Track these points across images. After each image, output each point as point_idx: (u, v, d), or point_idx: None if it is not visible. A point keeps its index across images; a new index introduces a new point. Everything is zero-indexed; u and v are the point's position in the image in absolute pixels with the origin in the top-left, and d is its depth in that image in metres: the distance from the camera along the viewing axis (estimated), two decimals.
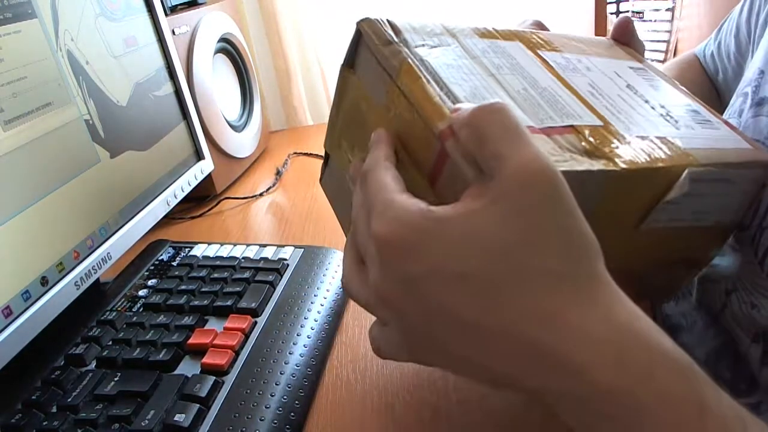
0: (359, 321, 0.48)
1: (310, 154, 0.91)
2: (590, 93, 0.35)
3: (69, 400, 0.38)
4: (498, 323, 0.24)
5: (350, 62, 0.38)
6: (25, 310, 0.41)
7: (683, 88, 0.40)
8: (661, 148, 0.32)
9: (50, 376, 0.41)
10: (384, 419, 0.38)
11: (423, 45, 0.35)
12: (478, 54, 0.36)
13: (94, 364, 0.43)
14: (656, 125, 0.34)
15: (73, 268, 0.46)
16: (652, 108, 0.36)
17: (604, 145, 0.31)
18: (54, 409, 0.38)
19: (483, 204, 0.24)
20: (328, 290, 0.50)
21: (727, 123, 0.37)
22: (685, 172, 0.31)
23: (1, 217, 0.40)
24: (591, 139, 0.31)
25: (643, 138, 0.32)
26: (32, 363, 0.42)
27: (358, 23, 0.36)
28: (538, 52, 0.38)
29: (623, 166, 0.30)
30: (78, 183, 0.47)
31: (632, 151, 0.31)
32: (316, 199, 0.74)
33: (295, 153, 0.92)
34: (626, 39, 0.44)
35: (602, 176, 0.29)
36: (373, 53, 0.35)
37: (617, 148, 0.31)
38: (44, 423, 0.37)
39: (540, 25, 0.45)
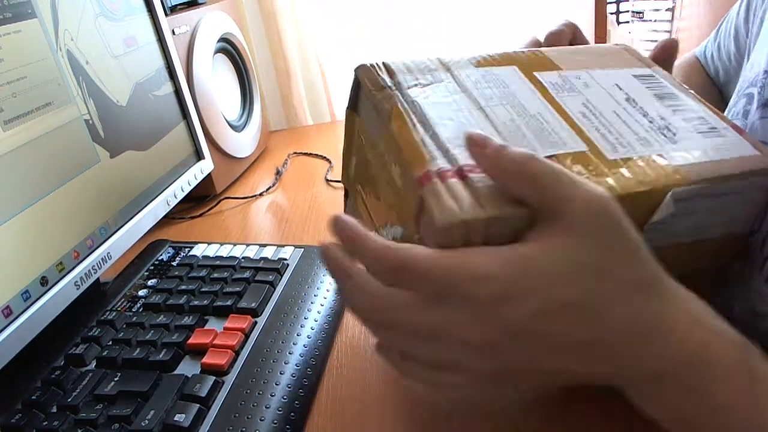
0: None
1: (310, 154, 0.91)
2: (582, 114, 0.36)
3: (69, 400, 0.38)
4: (605, 335, 0.27)
5: (353, 105, 0.41)
6: (25, 310, 0.41)
7: (692, 92, 0.40)
8: (646, 169, 0.32)
9: (50, 376, 0.41)
10: (384, 419, 0.38)
11: (416, 85, 0.37)
12: (470, 87, 0.37)
13: (94, 364, 0.43)
14: (649, 142, 0.35)
15: (73, 268, 0.46)
16: (650, 121, 0.36)
17: (585, 173, 0.32)
18: (54, 409, 0.38)
19: (561, 238, 0.27)
20: (328, 290, 0.50)
21: (735, 128, 0.36)
22: (669, 194, 0.31)
23: (1, 217, 0.40)
24: (572, 168, 0.32)
25: (627, 160, 0.33)
26: (32, 363, 0.42)
27: (355, 70, 0.39)
28: (535, 74, 0.39)
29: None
30: (78, 183, 0.47)
31: (613, 175, 0.32)
32: (316, 199, 0.74)
33: (295, 153, 0.92)
34: (664, 60, 0.43)
35: None
36: (369, 98, 0.37)
37: (598, 175, 0.32)
38: (44, 423, 0.37)
39: (538, 44, 0.45)
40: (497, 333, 0.27)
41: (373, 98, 0.37)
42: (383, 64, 0.39)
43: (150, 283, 0.52)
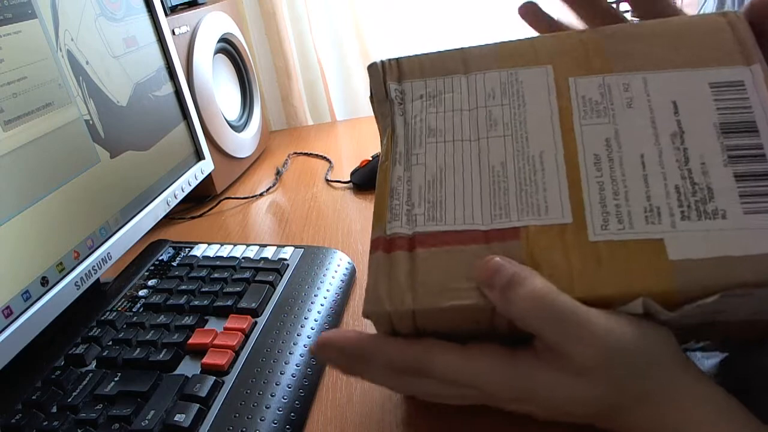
0: (359, 321, 0.48)
1: (310, 154, 0.91)
2: (596, 158, 0.29)
3: (69, 400, 0.38)
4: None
5: (372, 96, 0.37)
6: (25, 310, 0.41)
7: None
8: (635, 259, 0.26)
9: (50, 376, 0.41)
10: (384, 419, 0.38)
11: (421, 96, 0.33)
12: (481, 102, 0.32)
13: (94, 364, 0.43)
14: (661, 215, 0.26)
15: (73, 268, 0.46)
16: (685, 177, 0.27)
17: (542, 260, 0.27)
18: (54, 409, 0.38)
19: (570, 379, 0.27)
20: (328, 290, 0.50)
21: None
22: (640, 300, 0.25)
23: (1, 217, 0.40)
24: (532, 251, 0.27)
25: (614, 243, 0.26)
26: (32, 363, 0.42)
27: (368, 68, 0.36)
28: (570, 80, 0.31)
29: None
30: (78, 183, 0.47)
31: (581, 267, 0.26)
32: (316, 199, 0.74)
33: (295, 153, 0.92)
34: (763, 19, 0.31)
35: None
36: (374, 105, 0.35)
37: (557, 264, 0.27)
38: (44, 423, 0.37)
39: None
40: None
41: (376, 108, 0.35)
42: (396, 62, 0.35)
43: (150, 283, 0.52)
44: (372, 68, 0.36)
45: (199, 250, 0.57)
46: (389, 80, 0.34)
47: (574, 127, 0.30)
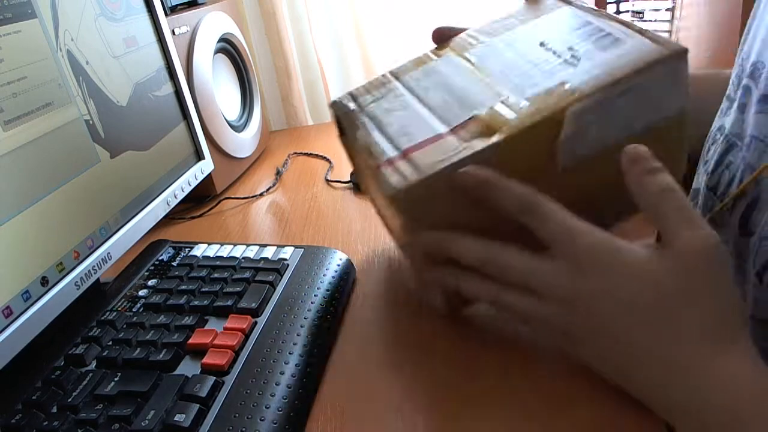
0: (359, 321, 0.48)
1: (310, 154, 0.91)
2: (501, 72, 0.43)
3: (69, 400, 0.38)
4: (653, 351, 0.31)
5: (341, 131, 0.50)
6: (25, 310, 0.41)
7: (604, 13, 0.44)
8: (548, 99, 0.38)
9: (50, 376, 0.41)
10: (384, 420, 0.38)
11: (373, 101, 0.47)
12: (413, 86, 0.47)
13: (94, 364, 0.43)
14: (553, 74, 0.40)
15: (73, 268, 0.46)
16: (558, 56, 0.41)
17: (497, 122, 0.39)
18: (54, 409, 0.38)
19: (661, 255, 0.32)
20: (328, 290, 0.50)
21: (641, 31, 0.40)
22: (568, 111, 0.37)
23: (1, 217, 0.40)
24: (488, 121, 0.39)
25: (531, 98, 0.39)
26: (32, 363, 0.43)
27: (330, 106, 0.50)
28: (464, 54, 0.47)
29: (505, 135, 0.37)
30: (78, 183, 0.47)
31: (520, 115, 0.38)
32: (316, 199, 0.74)
33: (295, 153, 0.92)
34: None
35: (493, 149, 0.37)
36: (344, 123, 0.48)
37: (508, 119, 0.38)
38: (44, 423, 0.37)
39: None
40: (575, 291, 0.33)
41: (346, 123, 0.47)
42: (349, 94, 0.50)
43: (150, 283, 0.52)
44: (333, 104, 0.50)
45: (199, 250, 0.57)
46: (347, 103, 0.49)
47: (480, 67, 0.45)
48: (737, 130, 0.41)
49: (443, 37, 0.52)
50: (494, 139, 0.37)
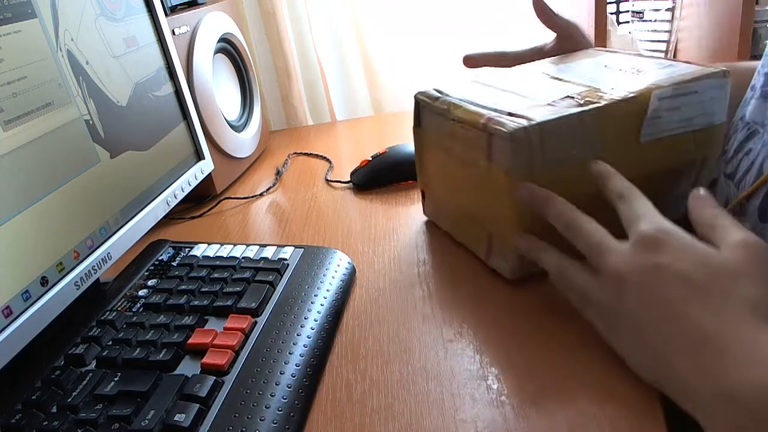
0: (359, 321, 0.48)
1: (310, 154, 0.91)
2: (578, 76, 0.52)
3: (69, 400, 0.38)
4: (701, 322, 0.32)
5: (417, 123, 0.57)
6: (25, 310, 0.41)
7: (641, 52, 0.58)
8: (633, 86, 0.47)
9: (50, 376, 0.41)
10: (384, 419, 0.38)
11: (460, 91, 0.53)
12: (497, 83, 0.55)
13: (94, 364, 0.43)
14: (628, 78, 0.50)
15: (73, 268, 0.46)
16: (624, 72, 0.52)
17: (593, 96, 0.47)
18: (54, 409, 0.38)
19: (715, 249, 0.35)
20: (328, 290, 0.50)
21: (686, 62, 0.51)
22: (653, 93, 0.46)
23: (1, 217, 0.40)
24: (585, 95, 0.47)
25: (616, 87, 0.48)
26: (32, 363, 0.43)
27: (415, 96, 0.56)
28: (537, 65, 0.59)
29: (606, 102, 0.45)
30: (78, 183, 0.47)
31: (612, 94, 0.46)
32: (316, 199, 0.74)
33: (295, 153, 0.92)
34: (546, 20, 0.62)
35: (594, 113, 0.45)
36: (431, 109, 0.54)
37: (602, 96, 0.46)
38: (44, 423, 0.37)
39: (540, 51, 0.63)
40: (634, 266, 0.36)
41: (435, 108, 0.53)
42: (434, 88, 0.55)
43: (150, 283, 0.52)
44: (419, 93, 0.56)
45: (199, 250, 0.57)
46: (433, 92, 0.55)
47: (555, 76, 0.54)
48: (759, 117, 0.43)
49: (475, 63, 0.59)
50: (595, 104, 0.45)
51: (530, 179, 0.44)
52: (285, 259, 0.54)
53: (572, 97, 0.47)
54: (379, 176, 0.74)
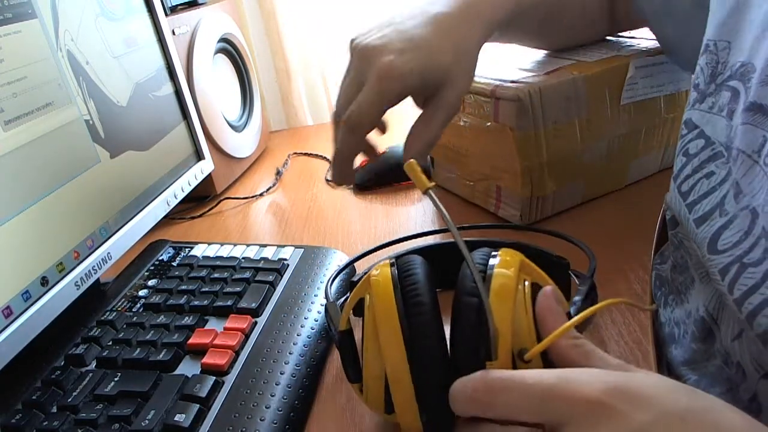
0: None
1: (310, 154, 0.91)
2: (572, 53, 0.61)
3: (69, 400, 0.38)
4: None
5: None
6: (25, 310, 0.41)
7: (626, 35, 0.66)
8: (615, 60, 0.56)
9: (50, 376, 0.41)
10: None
11: None
12: (500, 61, 0.63)
13: (94, 364, 0.43)
14: (610, 54, 0.58)
15: (73, 268, 0.46)
16: (606, 50, 0.60)
17: (581, 67, 0.55)
18: (54, 409, 0.38)
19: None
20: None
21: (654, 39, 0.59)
22: (630, 62, 0.55)
23: (1, 217, 0.40)
24: (575, 66, 0.55)
25: (600, 59, 0.57)
26: (32, 363, 0.43)
27: None
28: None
29: (594, 71, 0.54)
30: (78, 183, 0.47)
31: (599, 67, 0.55)
32: (316, 199, 0.74)
33: (295, 153, 0.92)
34: None
35: (583, 80, 0.54)
36: None
37: (591, 64, 0.55)
38: (44, 423, 0.37)
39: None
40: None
41: None
42: None
43: (150, 283, 0.52)
44: None
45: (199, 251, 0.57)
46: None
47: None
48: (724, 139, 0.38)
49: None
50: (584, 73, 0.54)
51: (532, 135, 0.53)
52: (285, 260, 0.54)
53: (564, 68, 0.55)
54: (379, 176, 0.74)
